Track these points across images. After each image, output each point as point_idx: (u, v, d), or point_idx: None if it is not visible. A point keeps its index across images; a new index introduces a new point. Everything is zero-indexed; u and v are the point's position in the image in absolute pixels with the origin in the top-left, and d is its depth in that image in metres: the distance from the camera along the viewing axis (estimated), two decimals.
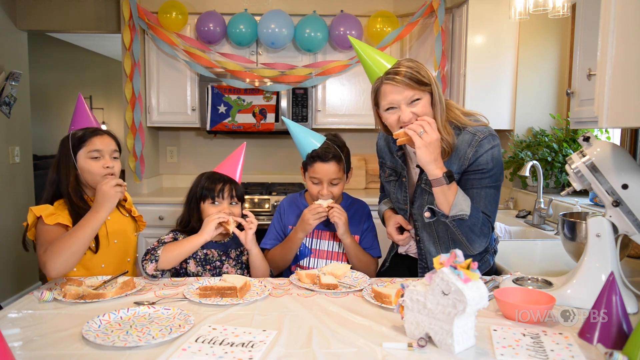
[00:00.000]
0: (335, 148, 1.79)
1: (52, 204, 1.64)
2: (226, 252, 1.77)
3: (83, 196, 1.67)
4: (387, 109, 1.48)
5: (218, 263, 1.74)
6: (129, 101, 3.35)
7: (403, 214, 1.69)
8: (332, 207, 1.73)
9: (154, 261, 1.60)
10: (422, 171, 1.58)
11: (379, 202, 1.91)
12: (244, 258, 1.77)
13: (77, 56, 6.86)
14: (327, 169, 1.76)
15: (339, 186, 1.81)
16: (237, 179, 1.78)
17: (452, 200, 1.43)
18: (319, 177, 1.78)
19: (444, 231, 1.59)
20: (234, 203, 1.75)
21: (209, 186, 1.73)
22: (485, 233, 1.50)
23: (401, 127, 1.46)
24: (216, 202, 1.72)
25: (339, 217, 1.72)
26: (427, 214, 1.50)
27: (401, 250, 1.76)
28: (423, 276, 1.64)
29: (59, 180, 1.65)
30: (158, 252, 1.62)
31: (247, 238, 1.68)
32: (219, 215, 1.64)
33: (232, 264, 1.76)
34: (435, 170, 1.40)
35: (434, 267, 1.61)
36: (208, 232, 1.62)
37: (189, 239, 1.64)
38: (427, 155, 1.39)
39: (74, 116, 1.77)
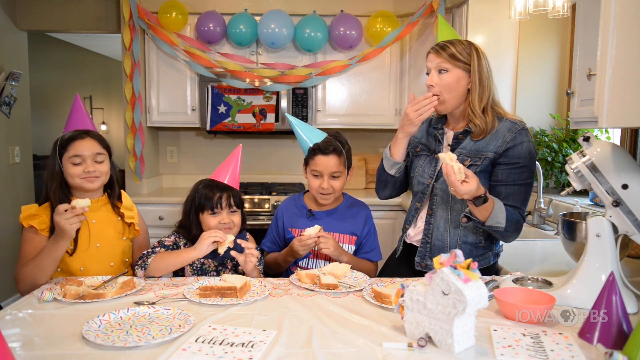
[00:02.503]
0: (336, 142, 1.81)
1: (45, 202, 1.68)
2: (222, 262, 1.76)
3: (67, 200, 1.65)
4: (427, 74, 1.66)
5: (214, 274, 1.73)
6: (129, 101, 3.35)
7: (423, 188, 1.71)
8: (319, 237, 1.70)
9: (143, 268, 1.61)
10: (452, 150, 1.66)
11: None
12: (240, 268, 1.76)
13: (77, 56, 6.85)
14: (327, 162, 1.78)
15: (339, 180, 1.82)
16: (235, 185, 1.77)
17: (487, 215, 1.51)
18: (320, 169, 1.79)
19: (459, 211, 1.64)
20: (233, 211, 1.74)
21: (207, 196, 1.71)
22: (518, 228, 1.59)
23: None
24: (215, 212, 1.72)
25: (327, 247, 1.70)
26: (463, 220, 1.60)
27: (410, 232, 1.76)
28: (422, 250, 1.68)
29: (46, 183, 1.68)
30: (149, 260, 1.62)
31: (247, 268, 1.65)
32: (215, 234, 1.60)
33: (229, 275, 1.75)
34: (469, 198, 1.47)
35: (435, 242, 1.66)
36: (201, 249, 1.59)
37: (181, 252, 1.63)
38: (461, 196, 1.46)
39: (69, 117, 1.77)
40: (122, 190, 1.82)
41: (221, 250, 1.60)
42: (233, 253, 1.63)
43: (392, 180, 1.77)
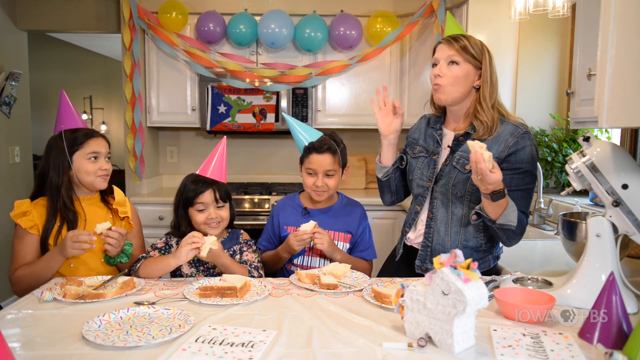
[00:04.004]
0: (331, 141, 1.83)
1: (37, 196, 1.71)
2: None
3: (72, 197, 1.72)
4: (433, 65, 1.65)
5: (211, 263, 1.73)
6: (129, 101, 3.35)
7: (422, 191, 1.70)
8: (315, 232, 1.72)
9: (134, 272, 1.63)
10: (452, 151, 1.64)
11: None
12: (236, 257, 1.76)
13: (77, 56, 6.86)
14: (322, 160, 1.80)
15: (334, 179, 1.83)
16: (220, 178, 1.76)
17: (500, 212, 1.48)
18: (314, 167, 1.81)
19: (459, 215, 1.63)
20: (220, 206, 1.73)
21: (193, 191, 1.71)
22: (522, 231, 1.57)
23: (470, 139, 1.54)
24: (202, 209, 1.71)
25: (322, 243, 1.73)
26: (473, 217, 1.56)
27: (410, 236, 1.76)
28: (423, 254, 1.68)
29: (50, 179, 1.69)
30: (137, 265, 1.63)
31: (204, 255, 1.59)
32: (192, 240, 1.55)
33: None
34: (494, 189, 1.43)
35: (436, 247, 1.66)
36: (180, 257, 1.54)
37: (164, 259, 1.62)
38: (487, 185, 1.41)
39: (59, 115, 1.77)
40: (113, 185, 1.84)
41: (203, 254, 1.53)
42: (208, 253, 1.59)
43: (387, 185, 1.81)
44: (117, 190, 1.84)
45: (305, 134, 1.87)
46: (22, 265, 1.65)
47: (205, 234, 1.68)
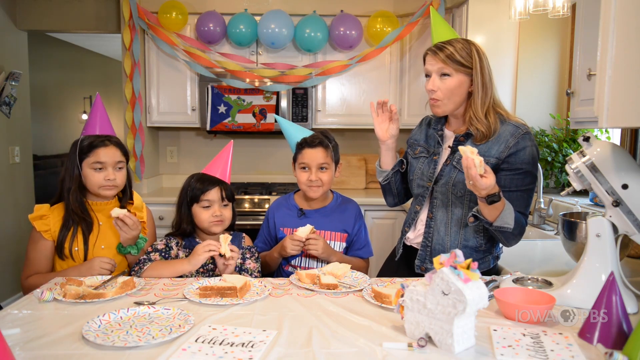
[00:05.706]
0: (322, 136, 1.85)
1: (58, 201, 1.72)
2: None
3: (83, 202, 1.72)
4: (425, 76, 1.63)
5: (211, 265, 1.73)
6: (129, 101, 3.35)
7: (422, 191, 1.71)
8: (308, 239, 1.73)
9: (138, 275, 1.62)
10: (452, 151, 1.64)
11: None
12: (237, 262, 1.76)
13: (77, 56, 6.86)
14: (314, 154, 1.82)
15: (327, 173, 1.84)
16: (226, 179, 1.78)
17: (496, 215, 1.47)
18: (307, 162, 1.83)
19: (459, 215, 1.63)
20: (224, 205, 1.75)
21: (200, 189, 1.72)
22: (522, 232, 1.57)
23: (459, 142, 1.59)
24: (207, 206, 1.72)
25: (315, 250, 1.73)
26: (470, 220, 1.56)
27: (409, 235, 1.76)
28: (423, 253, 1.68)
29: (65, 183, 1.71)
30: (144, 267, 1.63)
31: (227, 271, 1.63)
32: (209, 248, 1.59)
33: None
34: (487, 194, 1.42)
35: (436, 246, 1.65)
36: (196, 265, 1.59)
37: (176, 263, 1.63)
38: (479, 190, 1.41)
39: (87, 119, 1.80)
40: (133, 191, 1.86)
41: (223, 251, 1.60)
42: (216, 256, 1.62)
43: (388, 188, 1.83)
44: (136, 196, 1.84)
45: (297, 133, 1.89)
46: (37, 274, 1.66)
47: (209, 234, 1.72)
